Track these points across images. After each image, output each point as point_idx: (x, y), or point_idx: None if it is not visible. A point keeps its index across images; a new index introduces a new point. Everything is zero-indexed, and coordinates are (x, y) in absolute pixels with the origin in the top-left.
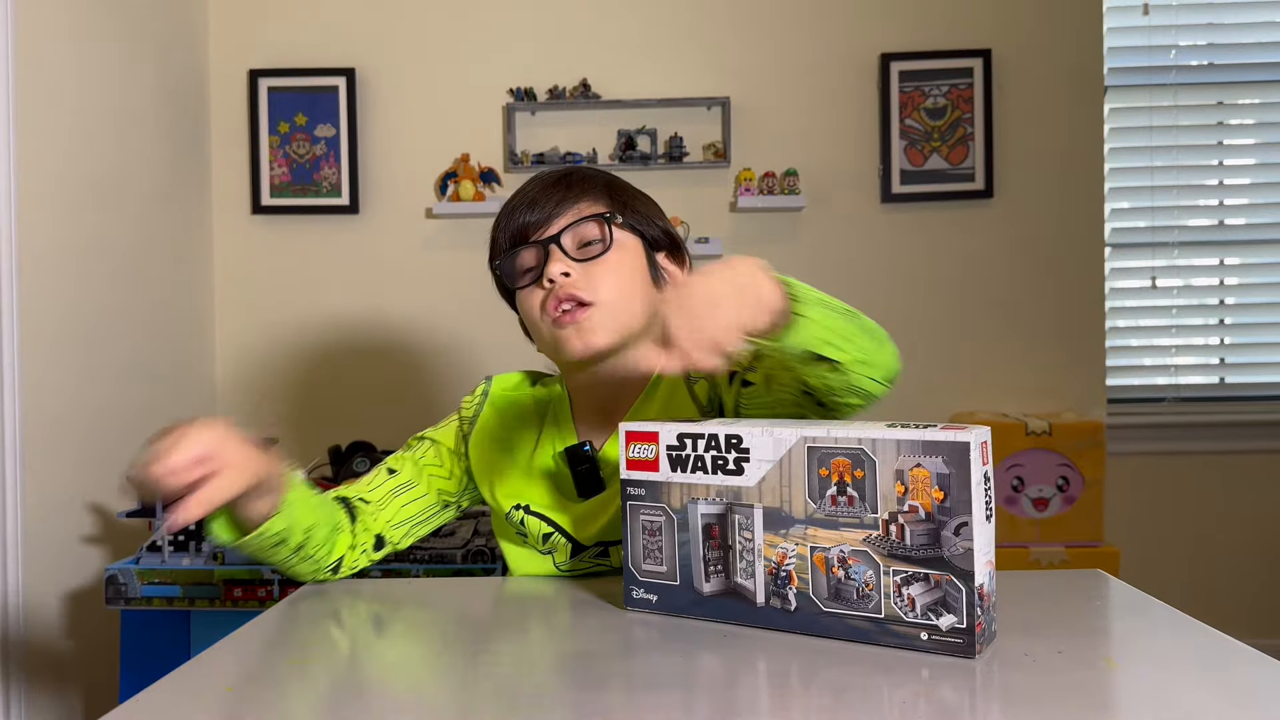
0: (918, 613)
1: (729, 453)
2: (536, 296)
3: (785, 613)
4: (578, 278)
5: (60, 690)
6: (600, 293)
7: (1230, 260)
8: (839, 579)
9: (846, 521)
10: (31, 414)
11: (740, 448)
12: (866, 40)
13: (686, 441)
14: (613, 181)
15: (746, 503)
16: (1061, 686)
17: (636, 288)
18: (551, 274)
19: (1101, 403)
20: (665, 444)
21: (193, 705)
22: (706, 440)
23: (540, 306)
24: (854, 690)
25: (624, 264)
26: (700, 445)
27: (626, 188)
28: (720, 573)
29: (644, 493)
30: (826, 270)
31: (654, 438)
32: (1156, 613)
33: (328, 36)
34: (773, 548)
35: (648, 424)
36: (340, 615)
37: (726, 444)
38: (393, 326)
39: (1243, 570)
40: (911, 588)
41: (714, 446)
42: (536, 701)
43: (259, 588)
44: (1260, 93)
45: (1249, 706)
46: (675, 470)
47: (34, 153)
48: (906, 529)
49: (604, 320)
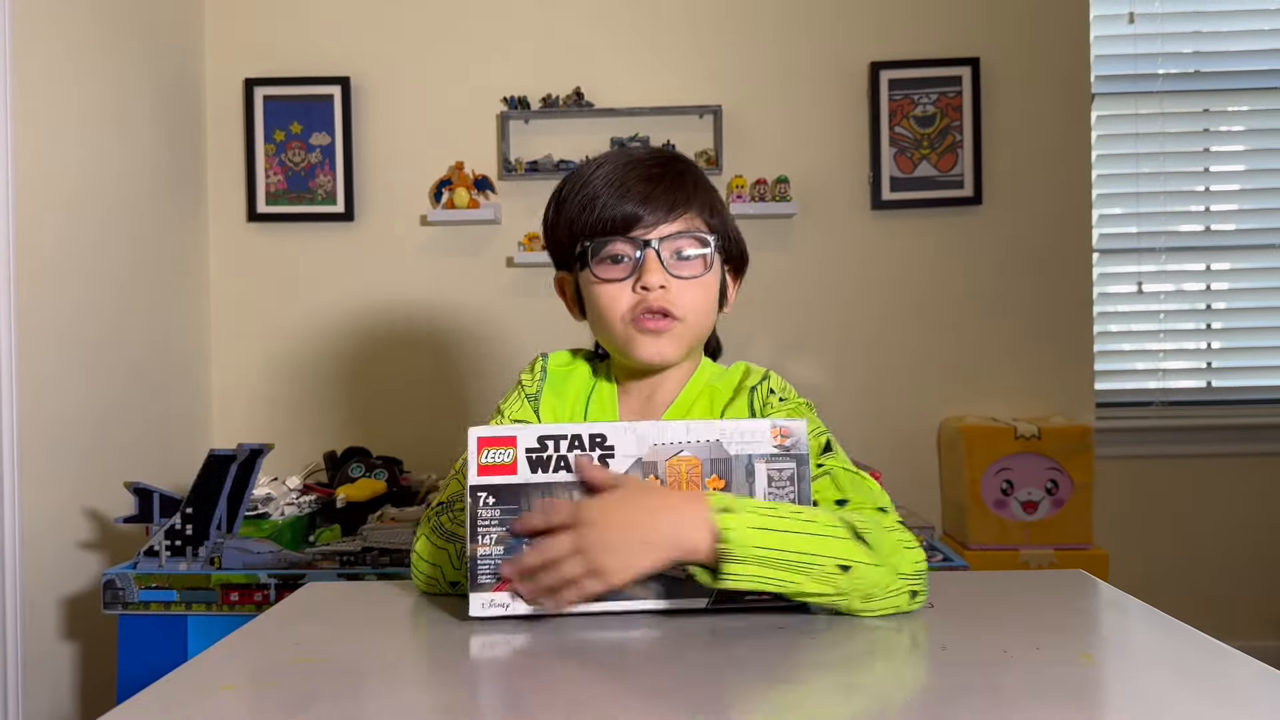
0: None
1: (593, 450)
2: (623, 294)
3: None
4: (670, 290)
5: (58, 694)
6: (687, 310)
7: (1217, 265)
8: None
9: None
10: (29, 421)
11: (605, 445)
12: (856, 49)
13: (548, 443)
14: (711, 188)
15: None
16: (1038, 681)
17: (713, 306)
18: (650, 283)
19: (1090, 407)
20: (524, 446)
21: (192, 704)
22: (570, 440)
23: (625, 306)
24: (832, 679)
25: (710, 284)
26: (564, 446)
27: (719, 197)
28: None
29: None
30: (817, 276)
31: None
32: (1135, 611)
33: (323, 46)
34: None
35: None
36: (340, 616)
37: (591, 443)
38: (388, 333)
39: (1230, 573)
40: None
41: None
42: (540, 699)
43: (255, 592)
44: (1246, 100)
45: (1222, 701)
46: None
47: (31, 162)
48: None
49: (683, 334)
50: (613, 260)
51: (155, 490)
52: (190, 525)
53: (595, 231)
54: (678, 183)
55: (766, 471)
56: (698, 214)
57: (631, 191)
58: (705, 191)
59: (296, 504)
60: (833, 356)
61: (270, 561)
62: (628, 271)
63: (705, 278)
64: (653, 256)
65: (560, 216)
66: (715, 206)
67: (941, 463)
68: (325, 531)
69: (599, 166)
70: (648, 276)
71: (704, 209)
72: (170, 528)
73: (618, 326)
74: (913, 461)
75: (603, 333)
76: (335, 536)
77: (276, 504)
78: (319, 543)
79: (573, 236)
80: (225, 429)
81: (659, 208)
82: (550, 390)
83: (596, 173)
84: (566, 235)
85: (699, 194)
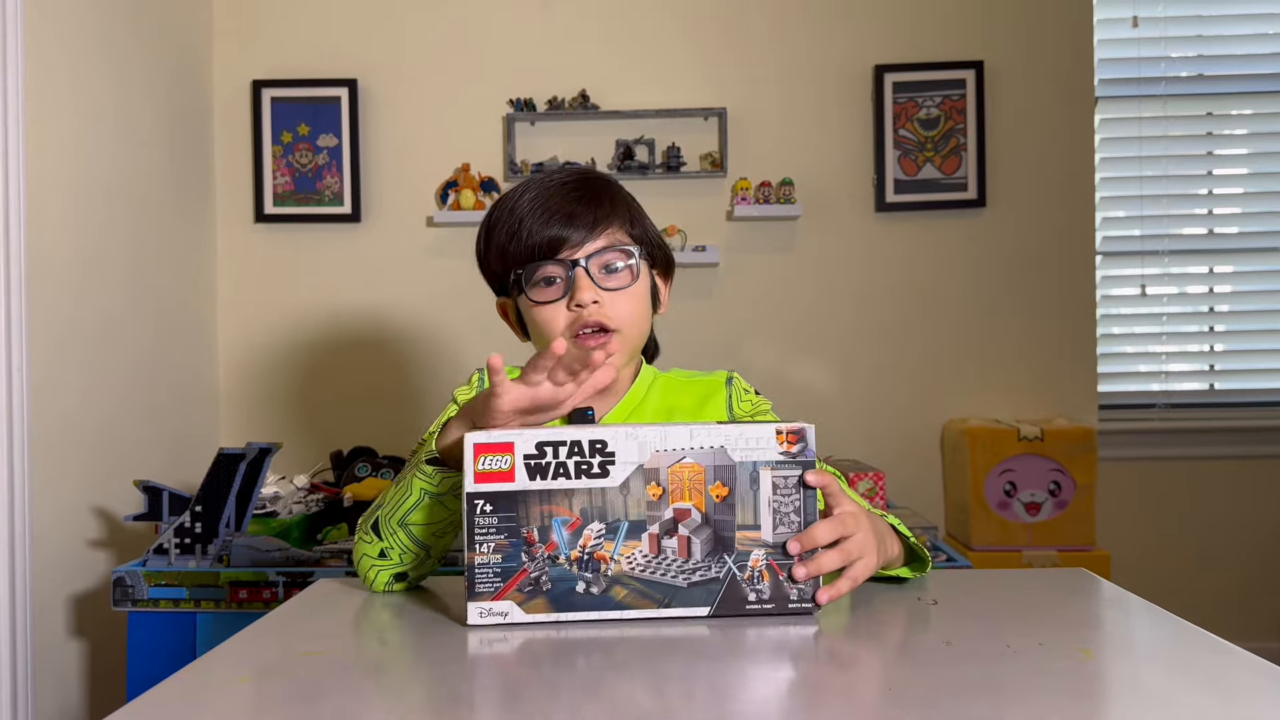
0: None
1: (593, 456)
2: (559, 313)
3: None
4: (603, 304)
5: (67, 690)
6: (622, 320)
7: (1220, 268)
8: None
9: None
10: (39, 420)
11: (605, 451)
12: (861, 52)
13: (546, 449)
14: (629, 199)
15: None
16: (1040, 674)
17: (647, 312)
18: (583, 300)
19: (1093, 408)
20: (522, 453)
21: (209, 696)
22: (569, 446)
23: (563, 324)
24: (832, 676)
25: (640, 292)
26: (562, 452)
27: (637, 206)
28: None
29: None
30: (821, 278)
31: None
32: (1135, 607)
33: (330, 48)
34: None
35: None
36: (352, 609)
37: (591, 449)
38: (394, 333)
39: (1232, 575)
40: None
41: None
42: (546, 692)
43: (264, 589)
44: (1249, 103)
45: (1220, 695)
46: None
47: (41, 163)
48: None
49: (623, 345)
50: (545, 282)
51: (164, 488)
52: (199, 523)
53: (525, 258)
54: (596, 200)
55: (771, 479)
56: (620, 227)
57: (555, 214)
58: (624, 204)
59: (304, 502)
60: (836, 358)
61: (278, 559)
62: (561, 292)
63: (634, 287)
64: (582, 274)
65: (490, 246)
66: (635, 216)
67: (945, 464)
68: (332, 530)
69: (522, 194)
70: (580, 294)
71: (624, 221)
72: (179, 525)
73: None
74: (916, 462)
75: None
76: (342, 535)
77: (284, 503)
78: (326, 541)
79: (505, 264)
80: (232, 428)
81: (581, 226)
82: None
83: (520, 200)
84: (499, 263)
85: (617, 208)
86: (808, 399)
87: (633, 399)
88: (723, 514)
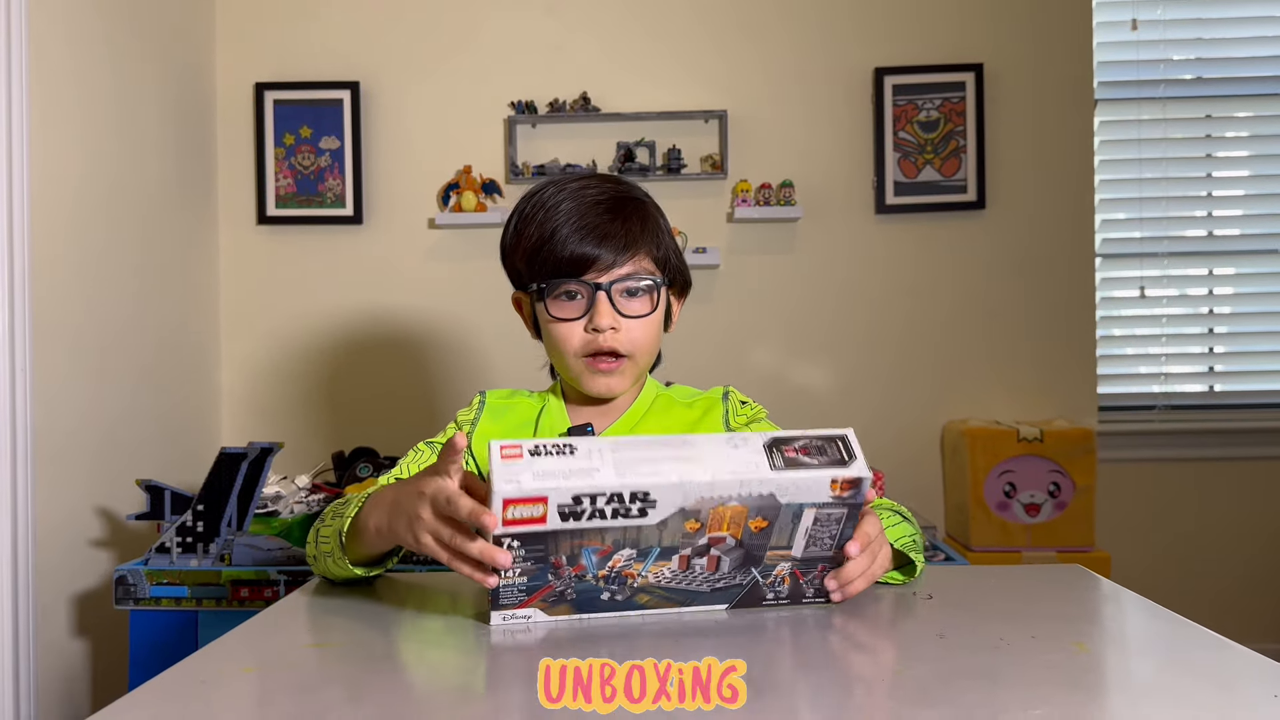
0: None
1: (632, 504)
2: (575, 332)
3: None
4: (620, 331)
5: (70, 687)
6: (636, 347)
7: (1219, 270)
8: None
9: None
10: (42, 420)
11: (647, 499)
12: (861, 55)
13: (584, 500)
14: (659, 220)
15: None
16: (1032, 667)
17: (659, 336)
18: (600, 325)
19: (1093, 410)
20: (557, 504)
21: (213, 686)
22: (608, 497)
23: (578, 343)
24: (821, 667)
25: (656, 320)
26: (600, 501)
27: (665, 225)
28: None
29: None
30: (821, 280)
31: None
32: (1130, 603)
33: (332, 51)
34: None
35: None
36: (354, 602)
37: (631, 499)
38: (396, 335)
39: (1231, 576)
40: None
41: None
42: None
43: (265, 588)
44: (1249, 106)
45: (1213, 687)
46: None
47: (45, 166)
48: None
49: (632, 369)
50: (567, 296)
51: (166, 488)
52: (201, 522)
53: (552, 271)
54: (630, 223)
55: (815, 515)
56: (647, 253)
57: (590, 231)
58: (654, 227)
59: (305, 502)
60: (836, 359)
61: (280, 558)
62: (580, 310)
63: (652, 316)
64: (604, 300)
65: (519, 245)
66: (661, 239)
67: (944, 465)
68: None
69: (559, 200)
70: (599, 319)
71: (653, 245)
72: (182, 524)
73: (570, 360)
74: (916, 463)
75: (557, 361)
76: None
77: (286, 502)
78: None
79: (530, 269)
80: (235, 428)
81: (612, 248)
82: (488, 418)
83: (558, 207)
84: (524, 265)
85: (647, 231)
86: (808, 400)
87: (633, 416)
88: (758, 539)
